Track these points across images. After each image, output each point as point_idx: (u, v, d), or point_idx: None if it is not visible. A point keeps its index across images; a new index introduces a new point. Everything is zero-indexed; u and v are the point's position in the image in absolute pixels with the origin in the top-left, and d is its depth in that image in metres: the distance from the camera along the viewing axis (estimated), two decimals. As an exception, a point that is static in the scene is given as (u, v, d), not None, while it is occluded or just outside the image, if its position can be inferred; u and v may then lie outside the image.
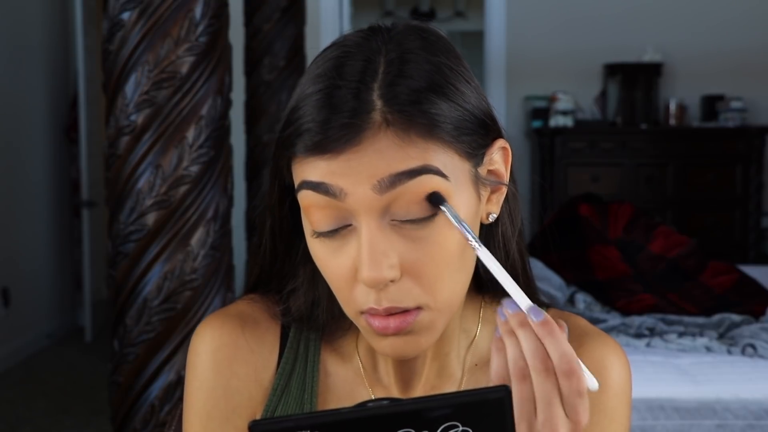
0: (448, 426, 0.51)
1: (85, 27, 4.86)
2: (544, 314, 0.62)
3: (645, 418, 2.09)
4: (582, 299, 2.86)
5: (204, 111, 1.59)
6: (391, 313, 0.68)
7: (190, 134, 1.57)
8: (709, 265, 3.08)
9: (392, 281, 0.67)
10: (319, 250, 0.71)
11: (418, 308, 0.69)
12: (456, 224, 0.66)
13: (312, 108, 0.67)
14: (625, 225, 3.20)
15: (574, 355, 0.61)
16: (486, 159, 0.72)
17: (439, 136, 0.67)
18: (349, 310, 0.72)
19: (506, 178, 0.75)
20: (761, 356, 2.29)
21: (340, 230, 0.68)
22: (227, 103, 1.68)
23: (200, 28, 1.57)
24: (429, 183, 0.66)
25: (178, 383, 1.58)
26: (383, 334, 0.69)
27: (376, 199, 0.66)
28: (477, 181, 0.71)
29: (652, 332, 2.52)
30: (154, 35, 1.54)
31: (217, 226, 1.63)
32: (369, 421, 0.51)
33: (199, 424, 0.80)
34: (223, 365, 0.80)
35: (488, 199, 0.74)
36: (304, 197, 0.69)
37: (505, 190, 0.75)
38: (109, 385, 1.65)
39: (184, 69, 1.56)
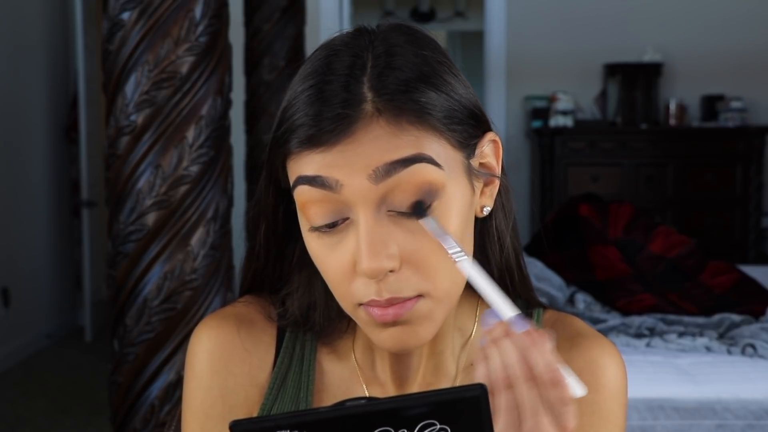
0: (426, 424, 0.52)
1: (85, 27, 4.86)
2: (528, 324, 0.62)
3: (645, 418, 2.10)
4: (582, 299, 2.86)
5: (204, 111, 1.59)
6: (392, 303, 0.69)
7: (190, 134, 1.58)
8: (708, 265, 3.08)
9: (392, 271, 0.68)
10: (316, 247, 0.71)
11: (419, 296, 0.69)
12: (437, 238, 0.66)
13: (304, 104, 0.68)
14: (625, 225, 3.20)
15: (559, 363, 0.61)
16: (477, 151, 0.73)
17: (431, 123, 0.68)
18: (346, 305, 0.72)
19: (498, 170, 0.75)
20: (761, 356, 2.29)
21: (337, 225, 0.69)
22: (227, 103, 1.68)
23: (200, 28, 1.57)
24: (423, 172, 0.67)
25: (178, 383, 1.58)
26: (382, 322, 0.69)
27: (372, 189, 0.66)
28: (470, 172, 0.72)
29: (652, 332, 2.52)
30: (154, 35, 1.55)
31: (217, 226, 1.63)
32: (347, 419, 0.52)
33: (197, 424, 0.80)
34: (220, 366, 0.80)
35: (482, 192, 0.74)
36: (301, 193, 0.69)
37: (497, 183, 0.75)
38: (109, 385, 1.65)
39: (184, 69, 1.56)
